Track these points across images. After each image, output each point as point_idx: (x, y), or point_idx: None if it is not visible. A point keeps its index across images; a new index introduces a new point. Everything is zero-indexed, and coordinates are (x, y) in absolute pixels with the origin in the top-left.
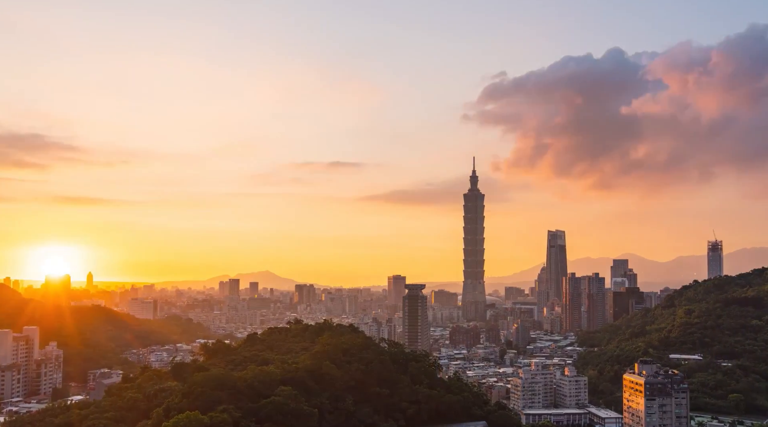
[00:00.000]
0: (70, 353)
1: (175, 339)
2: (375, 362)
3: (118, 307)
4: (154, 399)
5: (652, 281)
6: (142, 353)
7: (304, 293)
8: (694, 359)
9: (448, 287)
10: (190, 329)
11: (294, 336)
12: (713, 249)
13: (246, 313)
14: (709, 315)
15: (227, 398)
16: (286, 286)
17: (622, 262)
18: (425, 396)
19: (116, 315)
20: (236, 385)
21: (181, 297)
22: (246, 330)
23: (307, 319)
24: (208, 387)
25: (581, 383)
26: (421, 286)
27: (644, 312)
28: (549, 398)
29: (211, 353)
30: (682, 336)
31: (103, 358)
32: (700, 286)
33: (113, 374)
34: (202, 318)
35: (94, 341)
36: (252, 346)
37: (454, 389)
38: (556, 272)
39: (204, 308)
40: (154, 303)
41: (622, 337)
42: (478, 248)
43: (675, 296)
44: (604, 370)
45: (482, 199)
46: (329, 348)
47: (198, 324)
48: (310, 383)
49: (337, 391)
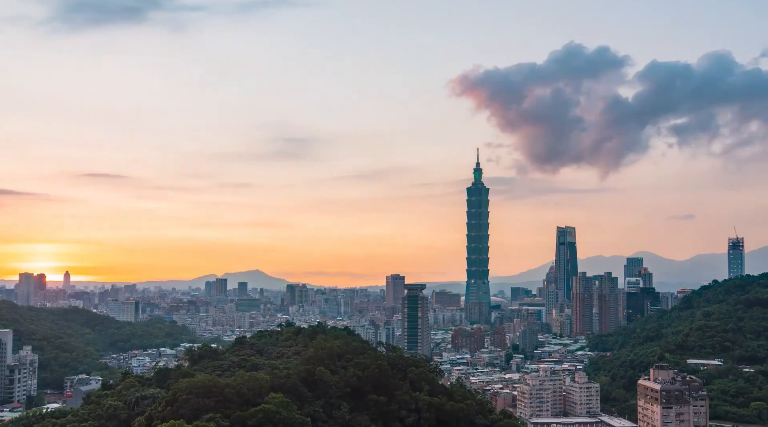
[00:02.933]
0: (45, 358)
1: (159, 343)
2: (372, 367)
3: (97, 308)
4: (136, 407)
5: (668, 281)
6: (122, 358)
7: (296, 294)
8: (714, 365)
9: (450, 287)
10: (174, 332)
11: (285, 340)
12: (734, 247)
13: (234, 315)
14: (729, 317)
15: (214, 406)
16: (276, 286)
17: (637, 260)
18: (426, 404)
19: (95, 317)
20: (223, 392)
21: (164, 298)
22: (234, 333)
23: (299, 321)
24: (193, 394)
25: (592, 389)
26: (421, 286)
27: (660, 314)
28: (558, 406)
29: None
30: (701, 340)
31: (81, 363)
32: (720, 286)
33: (92, 381)
34: (187, 320)
35: (71, 344)
36: (240, 350)
37: (456, 396)
38: (565, 271)
39: (189, 310)
40: (136, 304)
41: (636, 340)
42: (483, 245)
43: (693, 297)
44: (617, 376)
45: (487, 193)
46: (323, 353)
47: (183, 327)
48: (302, 389)
49: (332, 398)
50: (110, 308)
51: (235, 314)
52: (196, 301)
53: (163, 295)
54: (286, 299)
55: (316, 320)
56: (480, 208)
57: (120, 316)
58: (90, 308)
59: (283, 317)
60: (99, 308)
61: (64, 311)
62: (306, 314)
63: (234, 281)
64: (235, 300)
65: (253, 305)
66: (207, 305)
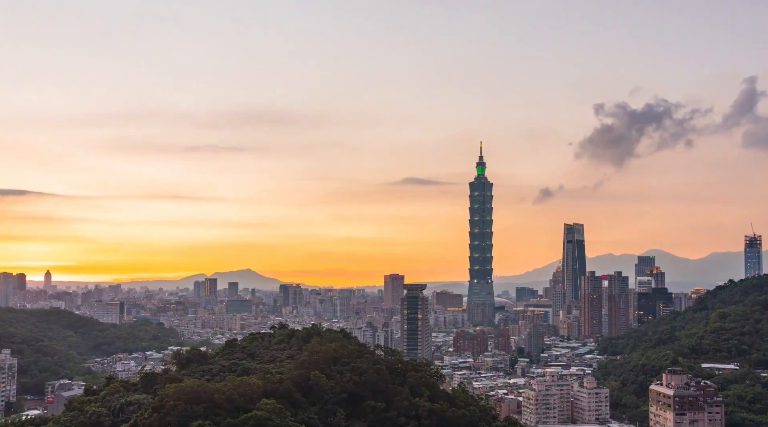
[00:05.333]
0: (25, 362)
1: (145, 346)
2: (370, 372)
3: (79, 309)
4: (121, 414)
5: (681, 281)
6: (106, 362)
7: (290, 294)
8: (730, 369)
9: (452, 288)
10: (161, 334)
11: (278, 343)
12: (751, 245)
13: (224, 316)
14: (746, 319)
15: (203, 413)
16: (269, 286)
17: (648, 259)
18: (426, 410)
19: (78, 319)
20: (213, 398)
21: (151, 299)
22: (224, 336)
23: (293, 323)
24: (181, 400)
25: (602, 395)
26: (421, 286)
27: (673, 316)
28: (565, 413)
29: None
30: (716, 343)
31: (62, 367)
32: (737, 286)
33: (74, 386)
34: (175, 322)
35: (52, 348)
36: (231, 354)
37: (458, 402)
38: (573, 270)
39: (177, 311)
40: (121, 305)
41: (647, 344)
42: (486, 244)
43: (708, 298)
44: (627, 381)
45: (490, 188)
46: (318, 356)
47: (170, 329)
48: (296, 395)
49: (327, 404)
50: (94, 310)
51: (226, 315)
52: (185, 302)
53: (149, 295)
54: (279, 300)
55: (310, 321)
56: (483, 204)
57: (104, 317)
58: (72, 310)
59: (276, 319)
60: (82, 309)
61: (45, 312)
62: (300, 316)
63: (224, 281)
64: (225, 301)
65: (244, 306)
66: (196, 306)
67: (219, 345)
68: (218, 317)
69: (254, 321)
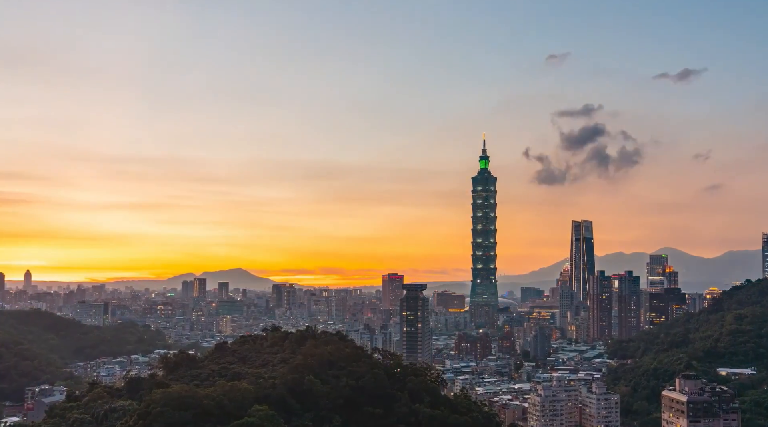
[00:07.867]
0: (4, 367)
1: (130, 349)
2: (367, 376)
3: (61, 311)
4: (105, 421)
5: (695, 281)
6: (90, 366)
7: (283, 295)
8: (747, 374)
9: (454, 288)
10: (147, 337)
11: (271, 346)
12: None
13: (214, 318)
14: (764, 321)
15: (191, 420)
16: (261, 286)
17: (660, 258)
18: (426, 417)
19: (59, 321)
20: (202, 404)
21: (136, 299)
22: (214, 339)
23: (286, 325)
24: (168, 407)
25: (611, 401)
26: (421, 286)
27: (686, 317)
28: (573, 420)
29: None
30: (732, 346)
31: (43, 372)
32: (754, 286)
33: (56, 391)
34: (162, 325)
35: (32, 351)
36: (221, 357)
37: (460, 408)
38: (581, 269)
39: (164, 313)
40: (105, 306)
41: (660, 347)
42: (490, 242)
43: (723, 299)
44: (638, 386)
45: (494, 184)
46: (313, 360)
47: (157, 332)
48: (290, 401)
49: (322, 411)
50: (76, 311)
51: (215, 317)
52: (172, 303)
53: (134, 296)
54: (272, 301)
55: (304, 323)
56: (486, 200)
57: (87, 319)
58: (54, 311)
59: (268, 321)
60: (64, 310)
61: (24, 314)
62: (294, 318)
63: (214, 281)
64: (215, 302)
65: (234, 308)
66: (184, 308)
67: (208, 348)
68: (208, 319)
69: (245, 323)
